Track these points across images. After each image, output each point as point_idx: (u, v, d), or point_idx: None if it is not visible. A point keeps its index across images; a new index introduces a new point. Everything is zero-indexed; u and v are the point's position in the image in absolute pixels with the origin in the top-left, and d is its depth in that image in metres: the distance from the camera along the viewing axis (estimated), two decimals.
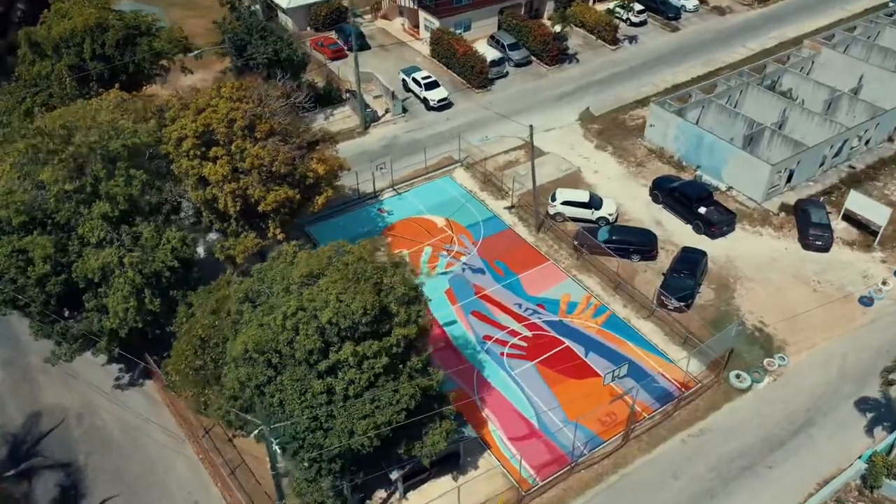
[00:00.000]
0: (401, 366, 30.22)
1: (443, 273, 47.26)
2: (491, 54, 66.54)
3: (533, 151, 47.99)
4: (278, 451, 31.12)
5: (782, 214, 51.36)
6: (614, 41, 71.73)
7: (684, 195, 50.71)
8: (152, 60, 51.86)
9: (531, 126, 47.34)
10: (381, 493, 35.77)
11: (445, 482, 36.21)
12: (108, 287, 35.61)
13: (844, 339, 42.92)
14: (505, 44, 68.64)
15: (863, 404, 39.34)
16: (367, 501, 35.52)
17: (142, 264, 35.50)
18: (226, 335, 32.10)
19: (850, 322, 43.93)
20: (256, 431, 29.73)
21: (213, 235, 42.79)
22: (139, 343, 39.64)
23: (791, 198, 52.37)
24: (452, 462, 36.34)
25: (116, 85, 45.19)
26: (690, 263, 45.78)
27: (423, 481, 35.90)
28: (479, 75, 64.82)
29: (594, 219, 50.49)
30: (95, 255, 35.20)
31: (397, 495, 35.50)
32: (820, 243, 48.35)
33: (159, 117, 39.75)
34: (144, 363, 40.25)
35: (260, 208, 39.66)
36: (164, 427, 38.72)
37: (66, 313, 38.50)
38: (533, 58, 68.81)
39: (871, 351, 42.11)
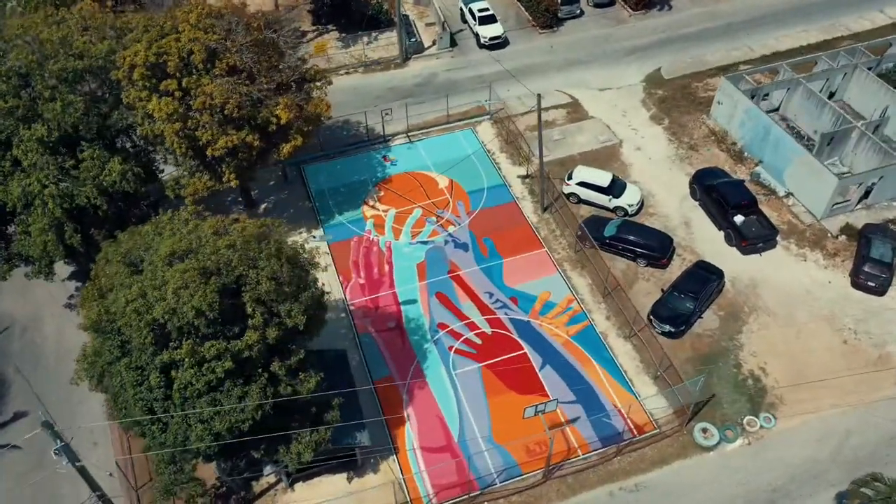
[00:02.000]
0: (260, 370, 27.25)
1: (422, 242, 43.13)
2: None
3: (541, 125, 41.67)
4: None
5: (841, 238, 42.55)
6: None
7: (722, 197, 42.85)
8: None
9: (539, 95, 40.86)
10: (270, 478, 33.87)
11: (340, 480, 33.79)
12: (29, 216, 34.55)
13: (857, 411, 35.44)
14: None
15: (845, 498, 32.53)
16: (253, 483, 33.79)
17: (64, 197, 34.01)
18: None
19: (873, 391, 36.17)
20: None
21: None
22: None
23: (861, 219, 43.21)
24: (352, 460, 33.74)
25: None
26: (698, 283, 38.95)
27: (315, 474, 33.65)
28: (545, 13, 57.45)
29: (611, 207, 44.05)
30: (19, 181, 33.99)
31: (283, 485, 33.51)
32: (873, 284, 39.74)
33: (119, 38, 37.10)
34: None
35: (209, 152, 36.91)
36: None
37: (8, 230, 38.05)
38: None
39: (885, 434, 34.64)
